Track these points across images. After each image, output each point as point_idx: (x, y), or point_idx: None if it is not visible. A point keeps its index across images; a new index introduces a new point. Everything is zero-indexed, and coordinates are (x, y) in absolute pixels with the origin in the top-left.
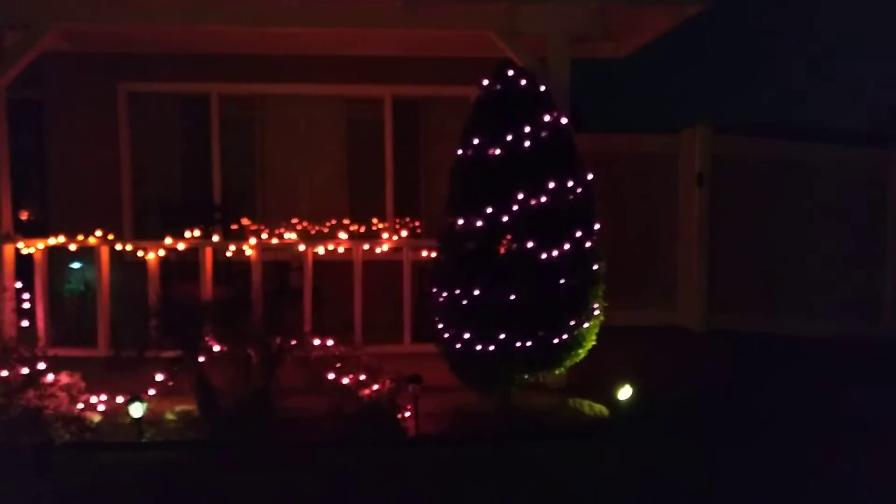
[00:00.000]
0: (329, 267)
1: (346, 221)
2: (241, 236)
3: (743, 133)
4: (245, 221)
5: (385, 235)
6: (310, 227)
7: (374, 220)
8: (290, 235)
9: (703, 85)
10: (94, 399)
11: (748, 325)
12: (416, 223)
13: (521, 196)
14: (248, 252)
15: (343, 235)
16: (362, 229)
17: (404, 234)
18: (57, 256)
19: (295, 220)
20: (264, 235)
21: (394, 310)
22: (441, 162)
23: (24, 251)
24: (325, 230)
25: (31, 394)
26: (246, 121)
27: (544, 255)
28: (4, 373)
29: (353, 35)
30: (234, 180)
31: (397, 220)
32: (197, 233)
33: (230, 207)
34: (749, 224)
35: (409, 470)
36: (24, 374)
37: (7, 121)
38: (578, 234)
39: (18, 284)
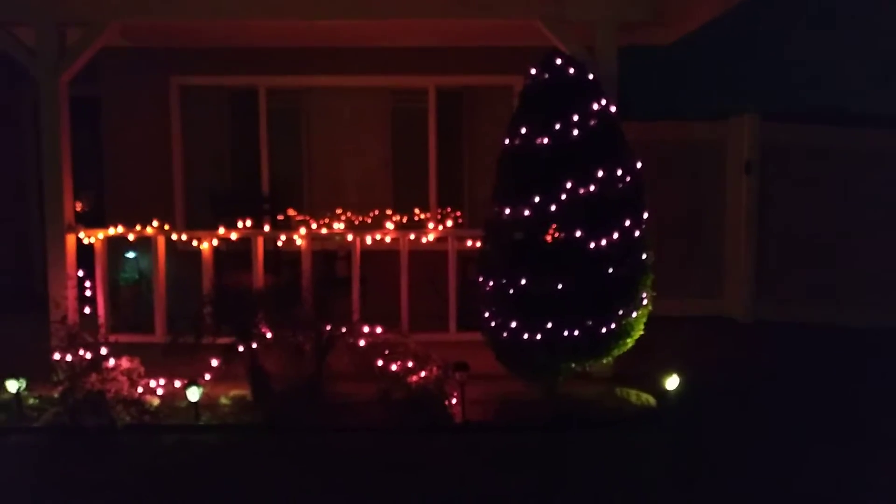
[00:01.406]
0: (374, 256)
1: (389, 212)
2: (287, 227)
3: (793, 120)
4: (291, 212)
5: (430, 226)
6: (354, 218)
7: (417, 211)
8: (336, 226)
9: (752, 71)
10: (152, 383)
11: (797, 315)
12: (458, 213)
13: (569, 185)
14: (299, 242)
15: (389, 226)
16: (405, 219)
17: (449, 224)
18: (111, 246)
19: (339, 211)
20: (313, 226)
21: (438, 299)
22: (484, 152)
23: (86, 241)
24: (369, 220)
25: (94, 377)
26: (292, 113)
27: (593, 245)
28: (69, 357)
29: (398, 26)
30: (282, 171)
31: (440, 211)
32: (248, 223)
33: (278, 198)
34: (799, 212)
35: (457, 456)
36: (87, 359)
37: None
38: (627, 222)
39: (80, 273)
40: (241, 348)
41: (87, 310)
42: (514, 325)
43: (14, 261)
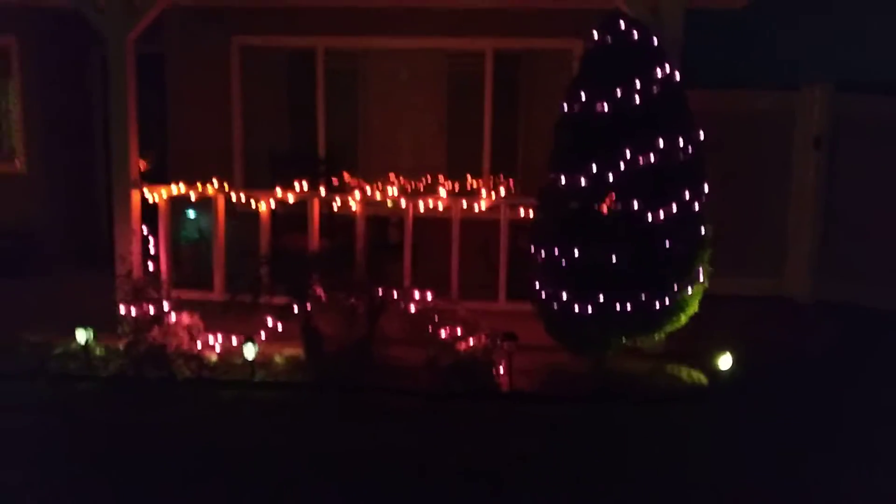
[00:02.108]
0: (425, 223)
1: (441, 178)
2: (341, 190)
3: (868, 91)
4: (345, 175)
5: (483, 193)
6: (407, 183)
7: (470, 177)
8: (390, 191)
9: (827, 38)
10: (211, 339)
11: (860, 298)
12: (511, 181)
13: (628, 154)
14: (353, 206)
15: (441, 192)
16: (458, 186)
17: (501, 192)
18: (172, 205)
19: (392, 176)
20: (367, 190)
21: (488, 268)
22: (540, 118)
23: (150, 199)
24: (422, 187)
25: (156, 331)
26: (349, 75)
27: (650, 217)
28: (134, 311)
29: None
30: (337, 134)
31: (493, 178)
32: (304, 185)
33: (333, 161)
34: (872, 189)
35: (502, 423)
36: (150, 313)
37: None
38: (687, 195)
39: (144, 229)
40: (295, 309)
41: (150, 266)
42: (565, 296)
43: (82, 216)
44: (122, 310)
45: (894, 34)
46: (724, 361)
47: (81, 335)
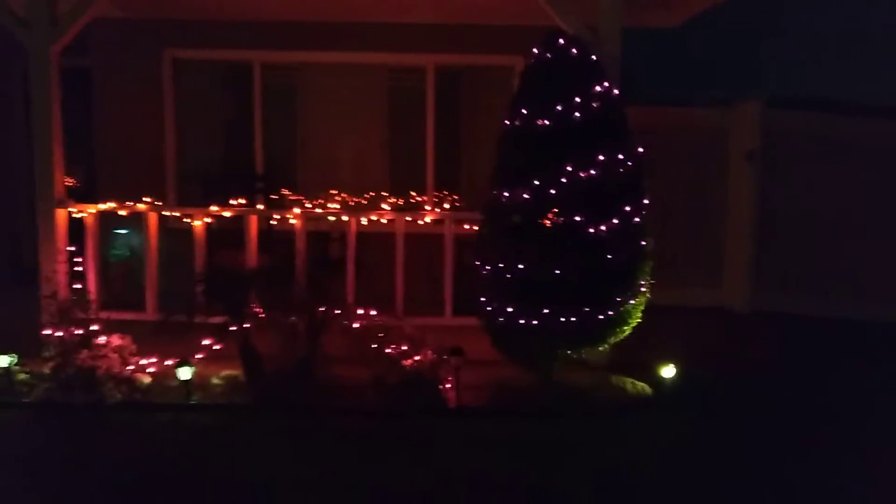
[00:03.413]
0: (368, 239)
1: (384, 193)
2: (281, 206)
3: (798, 107)
4: (285, 192)
5: (427, 208)
6: (349, 199)
7: (413, 193)
8: (331, 206)
9: (758, 57)
10: (143, 361)
11: (797, 307)
12: (456, 196)
13: (569, 168)
14: (293, 221)
15: (385, 207)
16: (401, 202)
17: (446, 206)
18: (102, 222)
19: (334, 192)
20: (307, 205)
21: (434, 283)
22: (483, 134)
23: (76, 216)
24: (364, 202)
25: (84, 354)
26: (288, 90)
27: (592, 230)
28: (60, 333)
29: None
30: (275, 150)
31: (437, 193)
32: (241, 201)
33: (271, 177)
34: (803, 201)
35: (449, 440)
36: (78, 335)
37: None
38: (627, 208)
39: (71, 248)
40: (233, 328)
41: (77, 286)
42: (510, 310)
43: (3, 235)
44: (48, 332)
45: (826, 53)
46: (668, 372)
47: (3, 360)
